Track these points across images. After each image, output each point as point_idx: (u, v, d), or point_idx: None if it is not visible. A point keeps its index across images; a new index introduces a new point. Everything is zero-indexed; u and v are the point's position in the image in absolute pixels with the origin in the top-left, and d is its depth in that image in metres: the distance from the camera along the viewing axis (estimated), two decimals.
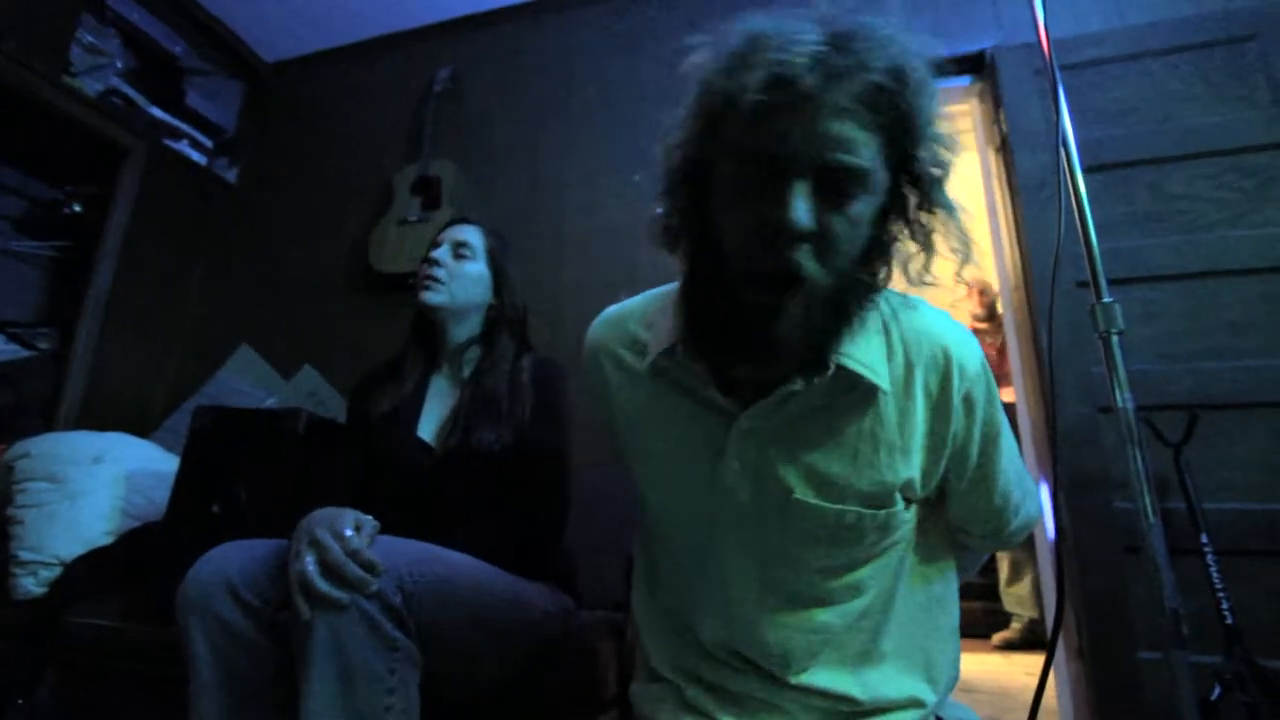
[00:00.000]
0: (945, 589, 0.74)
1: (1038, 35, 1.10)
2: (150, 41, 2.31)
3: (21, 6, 1.89)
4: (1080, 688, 1.37)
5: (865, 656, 0.68)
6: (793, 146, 0.53)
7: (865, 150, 0.53)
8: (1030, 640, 2.75)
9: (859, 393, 0.62)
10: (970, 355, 0.64)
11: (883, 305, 0.64)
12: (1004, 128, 1.69)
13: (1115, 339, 0.87)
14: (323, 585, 0.74)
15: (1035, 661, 2.60)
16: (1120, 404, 0.84)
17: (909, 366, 0.63)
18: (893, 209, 0.58)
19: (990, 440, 0.67)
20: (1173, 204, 1.50)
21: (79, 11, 2.08)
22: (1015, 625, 2.76)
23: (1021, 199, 1.61)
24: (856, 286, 0.58)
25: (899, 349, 0.64)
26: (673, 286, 0.70)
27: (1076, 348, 1.42)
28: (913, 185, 0.58)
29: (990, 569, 2.82)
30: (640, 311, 0.74)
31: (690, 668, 0.72)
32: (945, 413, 0.64)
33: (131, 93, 2.25)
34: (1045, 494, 1.47)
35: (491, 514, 1.10)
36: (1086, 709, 1.33)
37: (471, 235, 1.25)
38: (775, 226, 0.53)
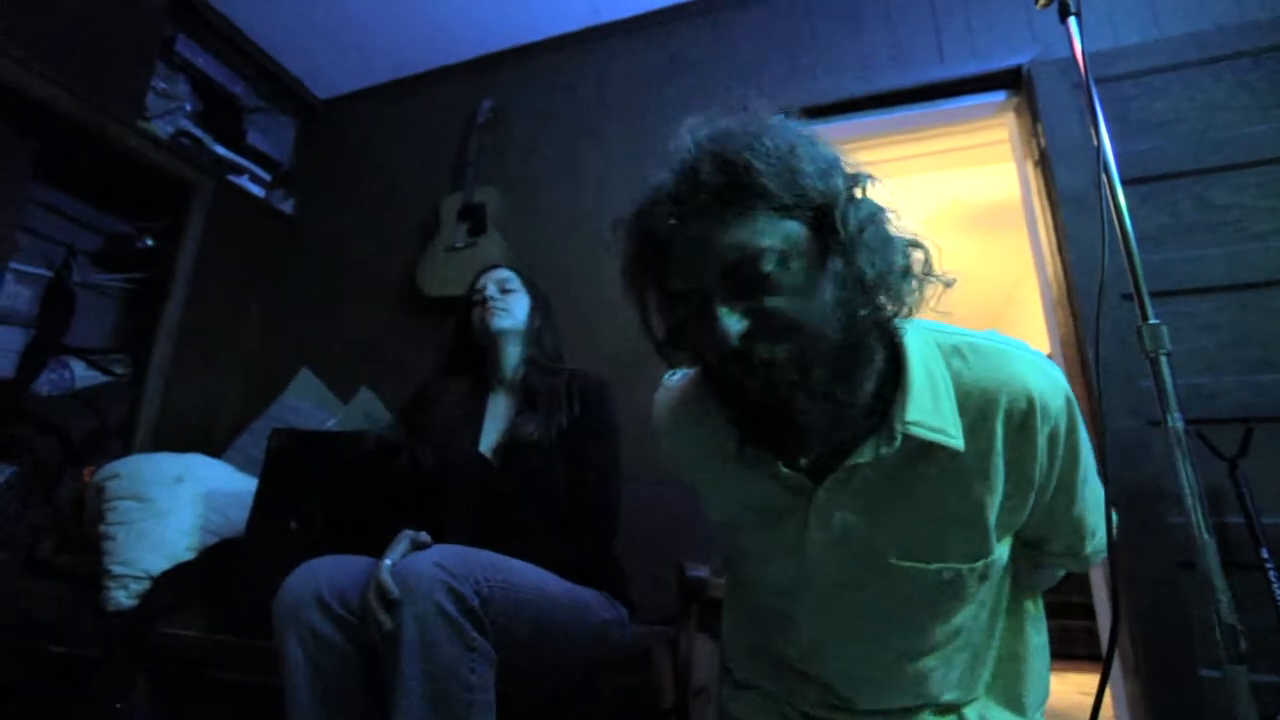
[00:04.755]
0: (1037, 608, 0.76)
1: (1073, 53, 1.12)
2: (213, 84, 2.47)
3: (103, 58, 2.04)
4: (1138, 706, 1.35)
5: (965, 688, 0.70)
6: (693, 273, 0.56)
7: (764, 236, 0.54)
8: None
9: (934, 455, 0.60)
10: (1052, 390, 0.61)
11: (947, 356, 0.62)
12: (1042, 142, 1.69)
13: (1164, 359, 0.88)
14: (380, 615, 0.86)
15: (1089, 680, 2.54)
16: (1170, 424, 0.85)
17: (984, 416, 0.60)
18: (845, 254, 0.56)
19: (1071, 461, 0.64)
20: (1219, 214, 1.48)
21: (153, 60, 2.24)
22: None
23: (1062, 212, 1.61)
24: (853, 338, 0.57)
25: (971, 399, 0.60)
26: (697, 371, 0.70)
27: (1124, 361, 1.41)
28: (839, 232, 0.55)
29: None
30: (688, 391, 0.73)
31: (784, 692, 0.74)
32: (1030, 452, 0.61)
33: (198, 133, 2.41)
34: None
35: (548, 525, 1.17)
36: None
37: (508, 274, 1.41)
38: (716, 350, 0.55)
